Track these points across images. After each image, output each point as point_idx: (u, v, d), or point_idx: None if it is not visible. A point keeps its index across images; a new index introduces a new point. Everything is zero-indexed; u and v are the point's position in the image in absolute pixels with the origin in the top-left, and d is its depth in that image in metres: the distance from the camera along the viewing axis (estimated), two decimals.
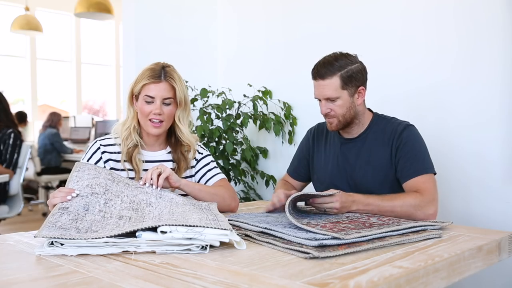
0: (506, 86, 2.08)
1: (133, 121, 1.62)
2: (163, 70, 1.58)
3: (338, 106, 1.67)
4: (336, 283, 0.84)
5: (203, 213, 1.28)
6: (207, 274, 0.91)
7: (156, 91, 1.56)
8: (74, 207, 1.22)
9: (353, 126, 1.74)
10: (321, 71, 1.66)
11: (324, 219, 1.33)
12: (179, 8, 3.22)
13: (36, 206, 6.52)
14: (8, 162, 3.48)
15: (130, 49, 3.05)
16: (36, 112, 7.52)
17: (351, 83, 1.66)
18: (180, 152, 1.67)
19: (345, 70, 1.65)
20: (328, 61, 1.67)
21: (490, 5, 2.11)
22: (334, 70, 1.64)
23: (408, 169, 1.62)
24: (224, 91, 3.01)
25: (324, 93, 1.66)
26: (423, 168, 1.61)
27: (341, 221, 1.31)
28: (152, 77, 1.56)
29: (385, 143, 1.70)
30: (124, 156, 1.59)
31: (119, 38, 8.09)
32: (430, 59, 2.31)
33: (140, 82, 1.58)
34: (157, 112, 1.55)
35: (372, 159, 1.70)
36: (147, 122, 1.58)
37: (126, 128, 1.61)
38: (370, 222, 1.30)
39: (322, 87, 1.66)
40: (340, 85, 1.65)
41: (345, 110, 1.68)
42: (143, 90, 1.57)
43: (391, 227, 1.23)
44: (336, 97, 1.66)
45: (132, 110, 1.64)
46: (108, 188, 1.31)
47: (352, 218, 1.37)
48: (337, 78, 1.64)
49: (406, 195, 1.56)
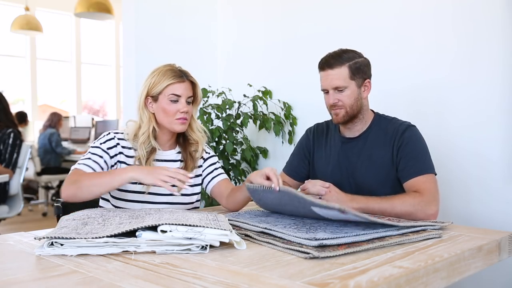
0: (506, 85, 2.08)
1: (150, 125, 1.63)
2: (182, 71, 1.65)
3: (346, 96, 1.68)
4: (336, 283, 0.84)
5: (203, 213, 1.28)
6: (207, 274, 0.91)
7: (182, 90, 1.61)
8: (72, 225, 1.20)
9: (357, 122, 1.75)
10: (330, 61, 1.68)
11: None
12: (179, 8, 3.23)
13: (36, 206, 6.52)
14: (8, 162, 3.48)
15: (130, 49, 3.05)
16: (36, 112, 7.52)
17: (359, 74, 1.69)
18: (188, 151, 1.71)
19: (353, 61, 1.68)
20: (336, 53, 1.70)
21: (489, 3, 2.11)
22: (342, 60, 1.67)
23: (409, 169, 1.62)
24: (224, 91, 3.01)
25: (332, 83, 1.68)
26: (424, 168, 1.61)
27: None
28: (175, 77, 1.61)
29: (387, 142, 1.70)
30: (143, 161, 1.61)
31: (119, 38, 8.09)
32: (429, 57, 2.31)
33: (162, 83, 1.61)
34: (185, 110, 1.61)
35: (373, 158, 1.71)
36: (173, 120, 1.61)
37: (143, 132, 1.62)
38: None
39: (331, 76, 1.68)
40: (349, 75, 1.67)
41: (353, 100, 1.69)
42: (167, 89, 1.60)
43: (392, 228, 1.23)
44: (345, 87, 1.68)
45: (147, 112, 1.64)
46: (104, 214, 1.31)
47: None
48: (346, 68, 1.67)
49: (406, 195, 1.56)
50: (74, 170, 1.52)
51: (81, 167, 1.53)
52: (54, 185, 6.39)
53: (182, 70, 1.66)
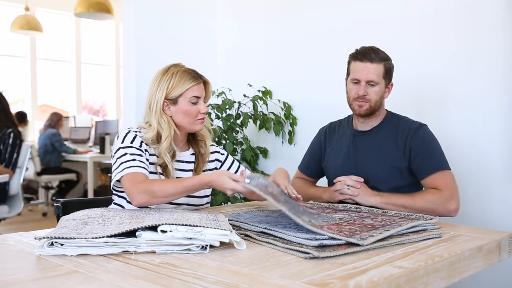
0: (506, 84, 2.08)
1: (171, 129, 1.62)
2: (197, 72, 1.67)
3: (374, 92, 1.76)
4: (336, 283, 0.84)
5: (203, 214, 1.28)
6: (207, 274, 0.91)
7: (201, 91, 1.65)
8: (72, 225, 1.20)
9: (373, 117, 1.82)
10: (371, 54, 1.75)
11: (321, 220, 1.32)
12: (179, 8, 3.23)
13: (36, 206, 6.52)
14: (8, 161, 3.48)
15: (130, 49, 3.05)
16: (36, 112, 7.51)
17: (388, 76, 1.79)
18: (197, 148, 1.74)
19: (388, 62, 1.78)
20: (375, 49, 1.77)
21: (489, 3, 2.11)
22: (380, 58, 1.76)
23: (426, 165, 1.70)
24: (224, 91, 3.01)
25: (369, 76, 1.74)
26: (440, 164, 1.70)
27: (341, 223, 1.30)
28: (194, 79, 1.63)
29: (398, 137, 1.77)
30: (169, 165, 1.61)
31: (119, 38, 8.09)
32: (427, 56, 2.31)
33: (182, 85, 1.61)
34: (205, 110, 1.65)
35: (383, 151, 1.77)
36: (195, 121, 1.64)
37: (166, 137, 1.61)
38: (371, 224, 1.29)
39: (368, 69, 1.74)
40: (383, 74, 1.76)
41: (379, 97, 1.77)
42: (188, 92, 1.61)
43: (393, 227, 1.23)
44: (377, 83, 1.75)
45: (165, 117, 1.62)
46: (104, 214, 1.31)
47: (348, 220, 1.35)
48: (382, 66, 1.76)
49: (426, 192, 1.67)
50: (130, 175, 1.49)
51: (137, 170, 1.51)
52: (54, 185, 6.39)
53: (195, 71, 1.67)
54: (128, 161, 1.53)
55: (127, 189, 1.48)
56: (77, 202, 1.78)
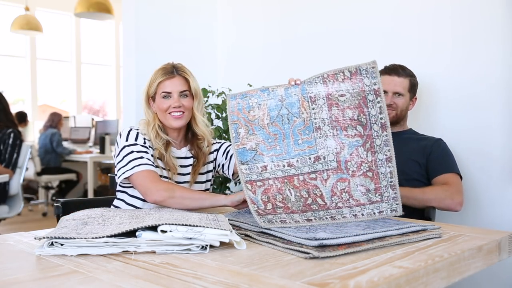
0: (505, 85, 2.08)
1: (155, 121, 1.66)
2: (174, 67, 1.66)
3: (400, 102, 2.02)
4: (336, 283, 0.84)
5: (203, 214, 1.28)
6: (207, 274, 0.91)
7: (172, 86, 1.63)
8: (72, 225, 1.20)
9: (397, 126, 2.05)
10: (398, 69, 2.03)
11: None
12: (179, 8, 3.23)
13: (36, 206, 6.52)
14: (8, 162, 3.48)
15: (130, 49, 3.05)
16: (36, 112, 7.52)
17: (412, 90, 2.07)
18: (197, 145, 1.73)
19: (413, 78, 2.06)
20: (401, 66, 2.05)
21: (488, 2, 2.11)
22: (406, 74, 2.04)
23: (438, 167, 1.91)
24: (224, 91, 3.01)
25: (395, 88, 2.02)
26: (451, 167, 1.91)
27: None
28: (165, 74, 1.63)
29: (420, 142, 1.98)
30: (163, 151, 1.63)
31: (119, 38, 8.09)
32: (426, 56, 2.31)
33: (155, 81, 1.64)
34: (176, 105, 1.62)
35: (402, 152, 1.80)
36: (167, 116, 1.64)
37: (152, 127, 1.64)
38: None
39: (395, 82, 2.02)
40: (408, 87, 2.04)
41: (404, 107, 2.04)
42: (159, 88, 1.63)
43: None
44: (402, 94, 2.02)
45: (151, 112, 1.69)
46: (104, 214, 1.31)
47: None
48: (407, 81, 2.04)
49: (435, 186, 1.87)
50: (146, 172, 1.52)
51: (150, 168, 1.54)
52: (54, 185, 6.39)
53: (175, 65, 1.67)
54: (137, 159, 1.55)
55: (144, 185, 1.50)
56: (77, 202, 1.78)
